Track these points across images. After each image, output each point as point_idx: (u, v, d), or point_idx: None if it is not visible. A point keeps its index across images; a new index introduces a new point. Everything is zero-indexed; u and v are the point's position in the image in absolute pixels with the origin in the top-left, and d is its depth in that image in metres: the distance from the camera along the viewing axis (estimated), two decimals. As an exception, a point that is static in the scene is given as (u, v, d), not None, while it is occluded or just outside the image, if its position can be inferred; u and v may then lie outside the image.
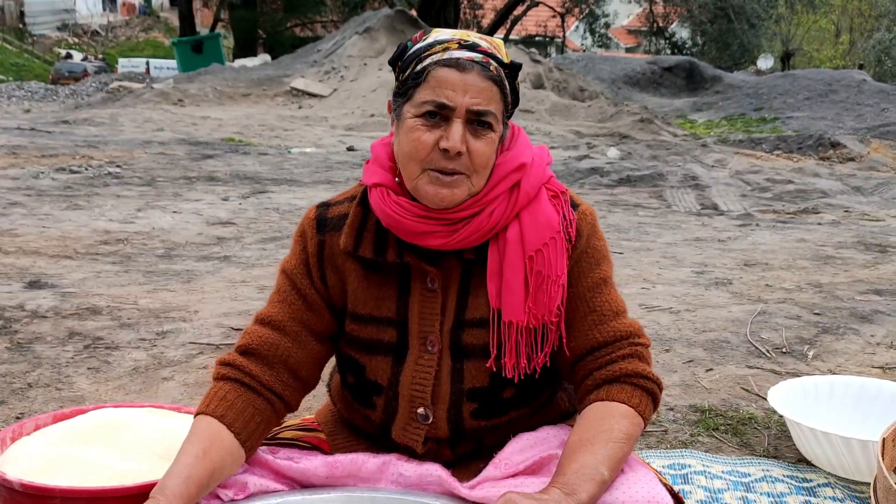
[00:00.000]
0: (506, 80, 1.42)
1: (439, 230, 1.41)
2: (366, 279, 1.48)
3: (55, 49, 41.03)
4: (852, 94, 20.48)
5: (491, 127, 1.39)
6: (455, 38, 1.41)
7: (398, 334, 1.46)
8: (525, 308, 1.42)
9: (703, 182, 9.45)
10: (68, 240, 5.52)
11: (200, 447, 1.36)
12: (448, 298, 1.46)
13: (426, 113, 1.38)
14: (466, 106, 1.36)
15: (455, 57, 1.38)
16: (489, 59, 1.40)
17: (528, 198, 1.45)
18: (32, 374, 3.07)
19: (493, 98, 1.39)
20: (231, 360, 1.47)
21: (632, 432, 1.40)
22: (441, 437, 1.47)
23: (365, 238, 1.47)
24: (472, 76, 1.37)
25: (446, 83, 1.36)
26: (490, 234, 1.43)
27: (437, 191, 1.38)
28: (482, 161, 1.39)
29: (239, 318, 3.86)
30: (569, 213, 1.47)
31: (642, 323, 3.84)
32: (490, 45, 1.43)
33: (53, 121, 14.08)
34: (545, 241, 1.43)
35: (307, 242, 1.52)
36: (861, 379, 2.71)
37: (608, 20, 40.00)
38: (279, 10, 35.71)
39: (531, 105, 17.12)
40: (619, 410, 1.41)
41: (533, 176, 1.47)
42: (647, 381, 1.45)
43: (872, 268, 5.21)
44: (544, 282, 1.43)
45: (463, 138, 1.37)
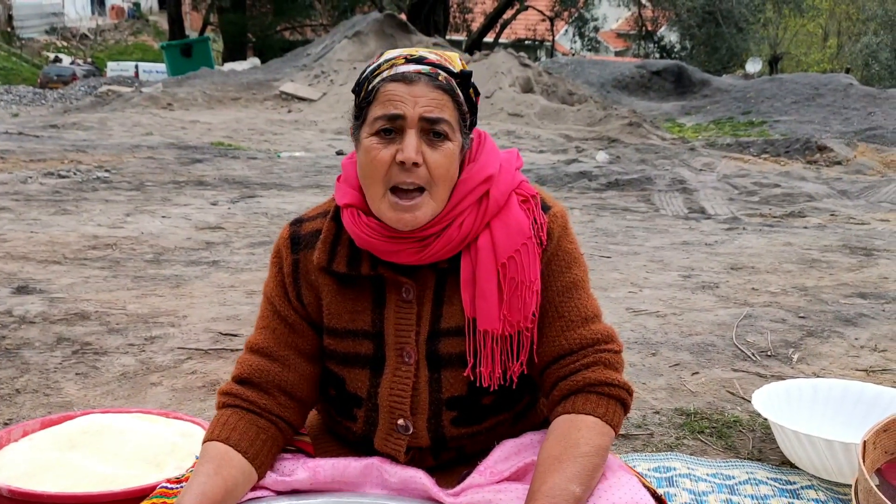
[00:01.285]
0: (457, 89, 1.42)
1: (410, 247, 1.41)
2: (340, 293, 1.49)
3: (43, 53, 40.88)
4: (839, 98, 20.59)
5: (447, 136, 1.39)
6: (402, 53, 1.42)
7: (375, 346, 1.47)
8: (500, 316, 1.42)
9: (691, 186, 9.50)
10: (56, 245, 5.51)
11: (211, 467, 1.39)
12: (423, 309, 1.46)
13: (380, 130, 1.38)
14: (419, 115, 1.36)
15: (401, 71, 1.38)
16: (437, 70, 1.40)
17: (499, 206, 1.45)
18: (20, 380, 3.07)
19: (445, 106, 1.38)
20: (229, 390, 1.51)
21: (600, 443, 1.39)
22: (423, 446, 1.48)
23: (339, 253, 1.48)
24: (420, 87, 1.37)
25: (395, 97, 1.37)
26: (461, 245, 1.43)
27: (399, 216, 1.38)
28: (440, 173, 1.38)
29: (228, 322, 3.86)
30: (539, 216, 1.46)
31: (629, 327, 3.88)
32: (440, 57, 1.43)
33: (42, 125, 14.04)
34: (517, 247, 1.43)
35: (282, 263, 1.53)
36: (844, 382, 2.74)
37: (597, 24, 40.12)
38: (269, 14, 35.68)
39: (520, 109, 17.16)
40: (585, 423, 1.40)
41: (502, 183, 1.46)
42: (614, 389, 1.44)
43: (857, 271, 5.26)
44: (518, 288, 1.42)
45: (418, 149, 1.36)
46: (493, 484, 1.42)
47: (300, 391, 1.51)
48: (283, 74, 19.94)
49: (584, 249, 5.84)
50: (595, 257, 5.56)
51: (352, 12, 31.24)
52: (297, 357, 1.51)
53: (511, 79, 18.35)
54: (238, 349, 3.46)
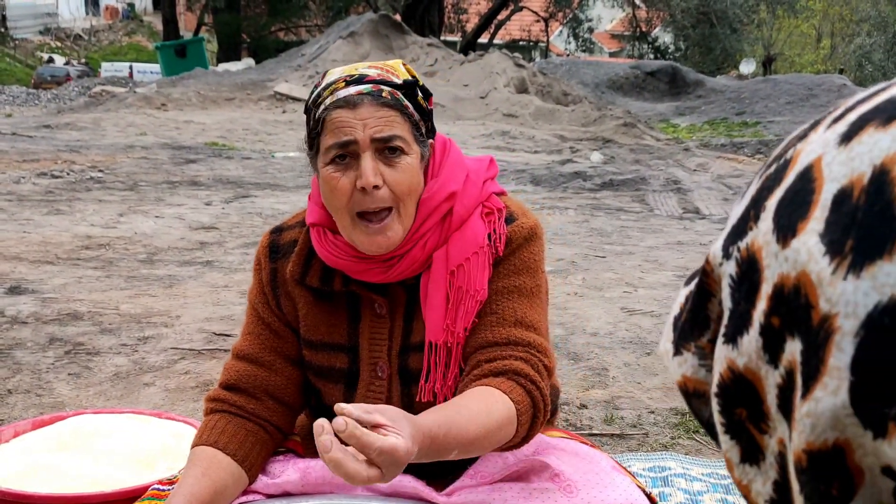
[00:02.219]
0: (404, 101, 1.38)
1: (376, 267, 1.40)
2: (316, 306, 1.48)
3: (37, 53, 40.78)
4: (833, 99, 20.61)
5: (403, 151, 1.36)
6: (343, 75, 1.39)
7: (349, 360, 1.46)
8: (444, 326, 1.39)
9: (686, 186, 9.51)
10: (49, 245, 5.48)
11: (199, 469, 1.38)
12: (395, 324, 1.45)
13: (335, 157, 1.36)
14: (369, 136, 1.34)
15: (342, 96, 1.36)
16: (380, 87, 1.37)
17: (462, 221, 1.42)
18: (12, 381, 3.05)
19: (395, 122, 1.36)
20: (216, 396, 1.50)
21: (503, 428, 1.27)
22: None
23: (313, 266, 1.46)
24: (366, 108, 1.34)
25: (342, 123, 1.34)
26: (426, 263, 1.42)
27: (372, 239, 1.36)
28: (403, 189, 1.36)
29: (221, 322, 3.85)
30: (500, 227, 1.43)
31: (624, 326, 3.87)
32: (382, 70, 1.41)
33: (35, 125, 13.99)
34: (468, 255, 1.40)
35: (262, 271, 1.53)
36: (839, 381, 2.74)
37: (592, 25, 40.14)
38: (263, 15, 35.64)
39: (515, 109, 17.16)
40: (502, 399, 1.29)
41: (467, 198, 1.43)
42: (536, 390, 1.33)
43: (852, 271, 5.26)
44: (463, 297, 1.39)
45: (376, 170, 1.34)
46: (483, 485, 1.41)
47: (288, 395, 1.50)
48: (278, 75, 19.92)
49: (579, 250, 5.85)
50: (590, 257, 5.55)
51: (346, 13, 31.22)
52: (284, 362, 1.50)
53: (506, 79, 18.36)
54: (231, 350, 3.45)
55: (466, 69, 18.92)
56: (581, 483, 1.38)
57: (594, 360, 3.42)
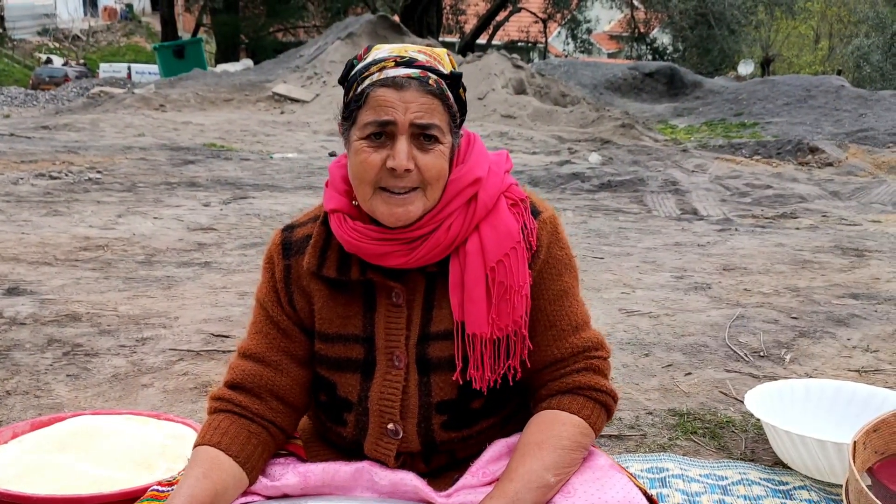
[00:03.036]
0: (447, 91, 1.41)
1: (398, 249, 1.40)
2: (332, 298, 1.48)
3: (35, 54, 40.73)
4: (831, 100, 20.64)
5: (437, 139, 1.38)
6: (392, 55, 1.40)
7: (365, 351, 1.47)
8: (488, 319, 1.42)
9: (684, 187, 9.51)
10: (48, 246, 5.48)
11: (200, 470, 1.38)
12: (413, 313, 1.46)
13: (371, 134, 1.37)
14: (409, 121, 1.36)
15: (391, 76, 1.36)
16: (427, 73, 1.38)
17: (487, 209, 1.45)
18: (10, 382, 3.05)
19: (436, 111, 1.37)
20: (221, 395, 1.50)
21: (581, 441, 1.42)
22: (413, 450, 1.47)
23: (328, 258, 1.47)
24: (411, 92, 1.36)
25: (385, 102, 1.35)
26: (450, 248, 1.43)
27: (392, 210, 1.38)
28: (433, 174, 1.38)
29: (219, 324, 3.85)
30: (529, 221, 1.46)
31: (622, 327, 3.88)
32: (430, 57, 1.42)
33: (33, 126, 13.98)
34: (506, 251, 1.42)
35: (274, 268, 1.53)
36: (837, 382, 2.74)
37: (590, 26, 40.16)
38: (261, 16, 35.62)
39: (513, 110, 17.16)
40: (569, 419, 1.43)
41: (490, 186, 1.46)
42: (600, 394, 1.47)
43: (849, 272, 5.27)
44: (507, 292, 1.42)
45: (409, 154, 1.36)
46: (486, 485, 1.42)
47: (293, 396, 1.50)
48: (276, 76, 19.92)
49: (578, 251, 5.85)
50: (588, 258, 5.56)
51: (344, 14, 31.21)
52: (290, 362, 1.51)
53: (504, 80, 18.36)
54: (230, 350, 3.45)
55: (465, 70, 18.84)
56: (579, 482, 1.39)
57: (592, 361, 3.43)
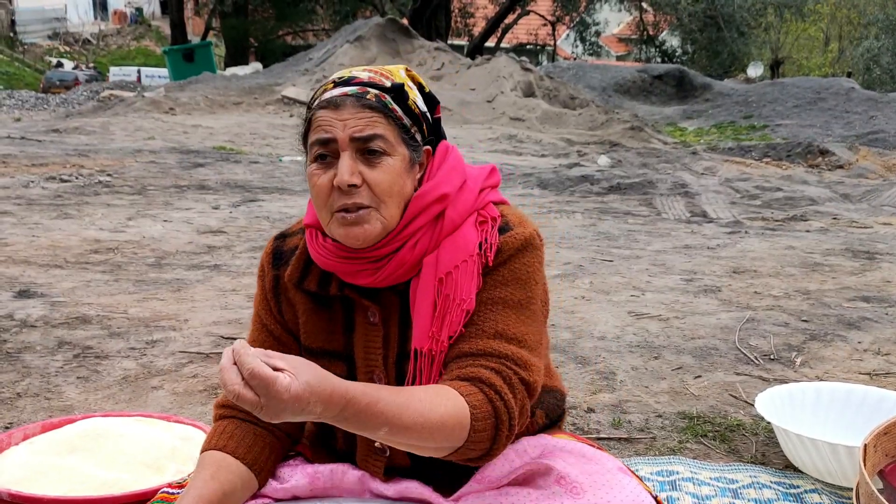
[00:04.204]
0: (392, 104, 1.38)
1: (365, 268, 1.39)
2: (315, 313, 1.48)
3: (46, 58, 40.96)
4: (841, 102, 20.59)
5: (384, 152, 1.36)
6: (334, 77, 1.41)
7: (347, 368, 1.46)
8: (430, 333, 1.37)
9: (693, 190, 9.49)
10: (58, 249, 5.51)
11: (208, 472, 1.39)
12: (390, 331, 1.44)
13: (318, 156, 1.37)
14: (349, 135, 1.34)
15: (328, 97, 1.37)
16: (366, 89, 1.37)
17: (454, 226, 1.41)
18: (21, 384, 3.06)
19: (377, 123, 1.35)
20: (225, 402, 1.51)
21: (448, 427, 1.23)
22: (403, 466, 1.47)
23: (311, 271, 1.47)
24: (347, 110, 1.35)
25: (324, 123, 1.35)
26: (416, 267, 1.40)
27: (348, 230, 1.36)
28: (383, 189, 1.35)
29: (229, 326, 3.86)
30: (491, 237, 1.40)
31: (631, 330, 3.87)
32: (374, 73, 1.41)
33: (44, 129, 14.05)
34: (457, 263, 1.38)
35: (265, 278, 1.54)
36: (848, 385, 2.73)
37: (599, 28, 40.16)
38: (270, 19, 35.74)
39: (522, 113, 17.17)
40: (454, 401, 1.26)
41: (460, 203, 1.42)
42: (499, 399, 1.29)
43: (860, 275, 5.25)
44: (450, 305, 1.37)
45: (352, 169, 1.34)
46: (492, 489, 1.41)
47: None
48: (285, 79, 19.97)
49: (587, 253, 5.85)
50: (597, 261, 5.55)
51: (353, 17, 31.29)
52: None
53: (512, 83, 18.37)
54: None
55: (473, 73, 18.94)
56: (587, 485, 1.38)
57: (601, 363, 3.42)
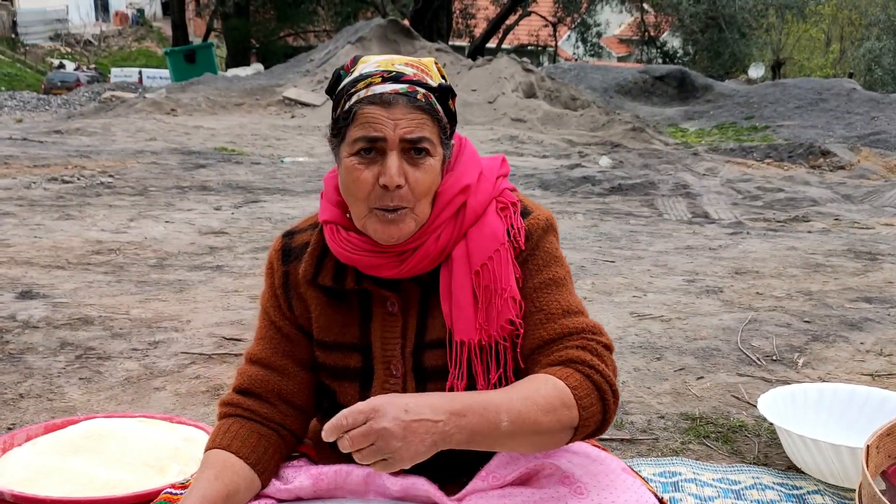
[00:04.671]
0: (436, 104, 1.39)
1: (390, 261, 1.40)
2: (328, 306, 1.48)
3: (47, 59, 40.97)
4: (842, 103, 20.57)
5: (428, 153, 1.37)
6: (379, 69, 1.38)
7: (363, 359, 1.47)
8: (476, 325, 1.40)
9: (695, 190, 9.49)
10: (60, 250, 5.51)
11: (212, 472, 1.39)
12: (408, 321, 1.45)
13: (360, 150, 1.36)
14: (399, 136, 1.34)
15: (379, 92, 1.35)
16: (415, 88, 1.37)
17: (476, 215, 1.43)
18: (24, 385, 3.06)
19: (425, 125, 1.36)
20: (230, 400, 1.51)
21: (556, 407, 1.30)
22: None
23: (325, 266, 1.47)
24: (399, 109, 1.34)
25: (374, 120, 1.34)
26: (440, 258, 1.42)
27: (386, 228, 1.37)
28: (423, 189, 1.37)
29: (231, 327, 3.86)
30: (517, 222, 1.44)
31: (633, 331, 3.87)
32: (417, 70, 1.41)
33: (45, 130, 14.06)
34: (490, 254, 1.41)
35: (274, 274, 1.54)
36: (850, 386, 2.73)
37: (600, 29, 40.10)
38: (272, 20, 35.74)
39: (523, 114, 17.16)
40: (553, 381, 1.33)
41: (481, 192, 1.45)
42: (594, 372, 1.36)
43: (862, 275, 5.24)
44: (493, 296, 1.40)
45: (400, 170, 1.35)
46: (497, 489, 1.41)
47: (301, 400, 1.51)
48: (287, 80, 19.97)
49: (588, 254, 5.84)
50: (599, 262, 5.55)
51: (355, 18, 31.29)
52: (296, 366, 1.51)
53: (514, 84, 18.36)
54: (241, 354, 3.45)
55: (475, 74, 18.92)
56: (592, 485, 1.38)
57: (604, 364, 3.42)
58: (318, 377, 1.52)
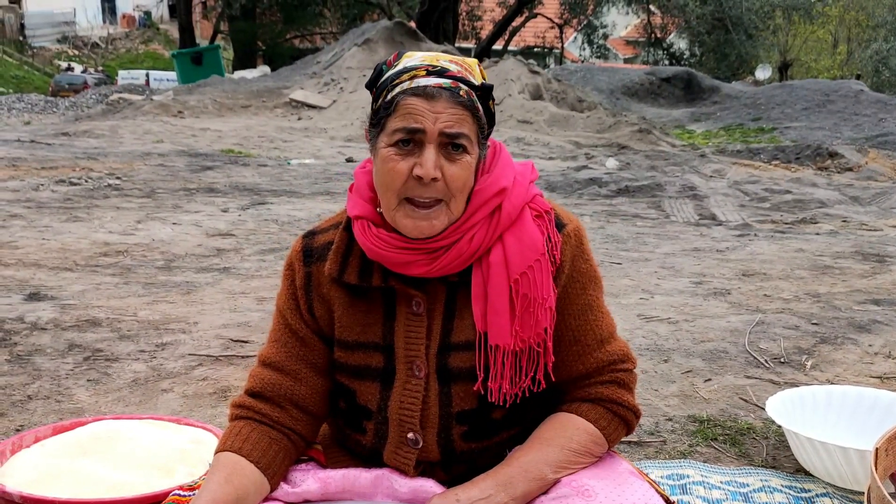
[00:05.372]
0: (477, 102, 1.40)
1: (420, 259, 1.40)
2: (352, 305, 1.48)
3: (55, 61, 41.12)
4: (850, 105, 20.52)
5: (465, 150, 1.37)
6: (424, 63, 1.39)
7: (385, 359, 1.46)
8: (511, 331, 1.41)
9: (702, 192, 9.47)
10: (68, 252, 5.52)
11: (222, 475, 1.39)
12: (433, 322, 1.45)
13: (399, 141, 1.36)
14: (438, 130, 1.35)
15: (423, 85, 1.36)
16: (458, 84, 1.38)
17: (511, 219, 1.43)
18: (32, 387, 3.07)
19: (465, 121, 1.37)
20: (242, 402, 1.51)
21: (590, 448, 1.44)
22: (433, 460, 1.47)
23: (350, 264, 1.47)
24: (442, 103, 1.35)
25: (416, 111, 1.35)
26: (472, 258, 1.42)
27: (416, 223, 1.37)
28: (458, 185, 1.37)
29: (238, 329, 3.86)
30: (553, 234, 1.45)
31: (641, 333, 3.86)
32: (461, 67, 1.41)
33: (53, 133, 14.10)
34: (530, 263, 1.41)
35: (294, 275, 1.53)
36: (859, 389, 2.72)
37: (606, 31, 40.05)
38: (278, 22, 35.83)
39: (530, 116, 17.16)
40: (583, 424, 1.46)
41: (515, 196, 1.45)
42: (621, 408, 1.48)
43: (870, 277, 5.23)
44: (531, 305, 1.41)
45: (436, 164, 1.35)
46: None
47: (312, 405, 1.51)
48: (293, 82, 20.01)
49: (596, 256, 5.82)
50: (606, 264, 5.54)
51: (361, 20, 31.33)
52: (309, 371, 1.51)
53: (520, 86, 18.36)
54: (249, 356, 3.47)
55: (481, 76, 18.92)
56: (600, 488, 1.38)
57: (611, 366, 3.41)
58: (336, 378, 1.52)
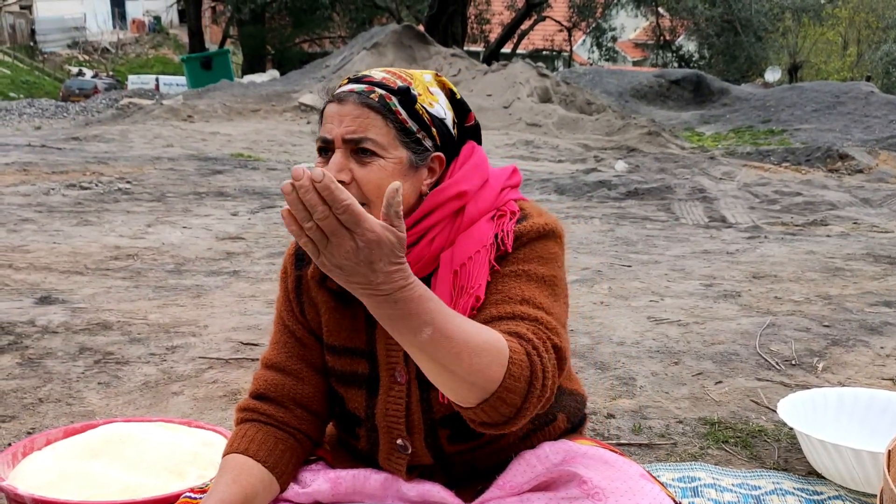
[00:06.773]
0: (396, 105, 1.37)
1: None
2: (338, 311, 1.48)
3: (65, 66, 41.33)
4: (860, 106, 20.44)
5: (375, 153, 1.36)
6: (352, 74, 1.44)
7: (369, 366, 1.46)
8: None
9: (712, 195, 9.45)
10: (79, 255, 5.55)
11: (230, 476, 1.39)
12: None
13: (319, 150, 1.40)
14: (341, 135, 1.35)
15: (337, 92, 1.40)
16: (373, 88, 1.38)
17: (472, 221, 1.41)
18: (43, 389, 3.08)
19: (372, 124, 1.35)
20: (246, 405, 1.52)
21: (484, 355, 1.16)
22: (426, 464, 1.46)
23: None
24: (348, 106, 1.36)
25: (328, 117, 1.38)
26: (435, 262, 1.41)
27: None
28: (371, 188, 1.35)
29: (248, 332, 3.87)
30: (508, 226, 1.40)
31: (651, 335, 3.85)
32: (390, 75, 1.41)
33: (64, 137, 14.17)
34: (470, 254, 1.38)
35: (287, 279, 1.55)
36: (871, 391, 2.71)
37: (615, 34, 40.04)
38: (287, 27, 35.95)
39: (539, 119, 17.15)
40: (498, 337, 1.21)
41: (482, 200, 1.43)
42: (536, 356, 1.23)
43: (882, 280, 5.20)
44: (462, 294, 1.36)
45: (341, 166, 1.35)
46: (513, 496, 1.41)
47: (316, 404, 1.51)
48: (302, 86, 20.05)
49: (605, 258, 5.83)
50: (615, 266, 5.53)
51: (370, 24, 31.38)
52: (310, 371, 1.52)
53: (529, 89, 18.36)
54: (258, 358, 3.47)
55: (490, 79, 18.94)
56: (609, 490, 1.37)
57: (621, 369, 3.41)
58: (330, 383, 1.53)
